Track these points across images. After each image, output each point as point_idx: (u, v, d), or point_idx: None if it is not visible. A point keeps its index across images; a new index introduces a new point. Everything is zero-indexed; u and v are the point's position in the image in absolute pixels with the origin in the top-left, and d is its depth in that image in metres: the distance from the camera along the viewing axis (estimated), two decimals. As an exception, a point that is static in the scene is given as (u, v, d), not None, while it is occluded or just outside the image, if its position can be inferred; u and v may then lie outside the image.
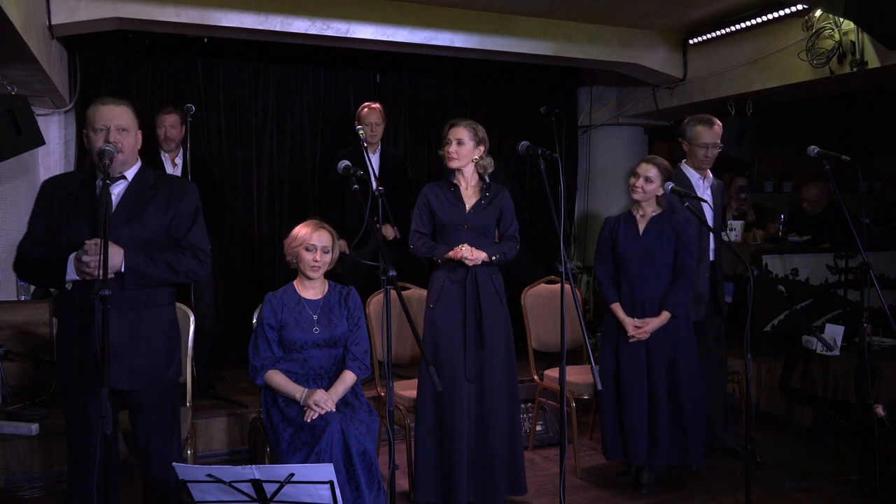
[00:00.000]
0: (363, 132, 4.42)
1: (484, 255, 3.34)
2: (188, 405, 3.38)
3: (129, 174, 2.61)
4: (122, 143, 2.51)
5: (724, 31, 5.13)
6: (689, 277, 3.63)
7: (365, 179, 2.81)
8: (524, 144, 3.00)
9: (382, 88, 5.90)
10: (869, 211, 6.64)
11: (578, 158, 6.71)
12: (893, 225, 6.67)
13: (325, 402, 2.95)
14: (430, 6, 4.79)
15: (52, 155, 5.06)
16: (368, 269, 4.57)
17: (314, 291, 3.19)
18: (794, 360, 4.85)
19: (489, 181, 3.46)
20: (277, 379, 3.07)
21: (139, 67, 5.26)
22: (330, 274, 3.26)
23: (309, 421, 2.92)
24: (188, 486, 2.20)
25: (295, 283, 3.21)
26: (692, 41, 5.44)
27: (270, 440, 3.07)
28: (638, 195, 3.61)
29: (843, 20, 4.35)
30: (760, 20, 4.84)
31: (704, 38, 5.32)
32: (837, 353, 4.61)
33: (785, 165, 7.62)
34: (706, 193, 3.97)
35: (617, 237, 3.67)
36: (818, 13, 4.48)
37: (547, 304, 4.34)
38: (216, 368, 4.89)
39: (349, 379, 3.11)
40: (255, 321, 3.31)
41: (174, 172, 4.37)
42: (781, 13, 4.69)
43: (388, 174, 4.69)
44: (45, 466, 3.79)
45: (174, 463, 2.21)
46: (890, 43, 4.06)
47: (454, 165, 3.40)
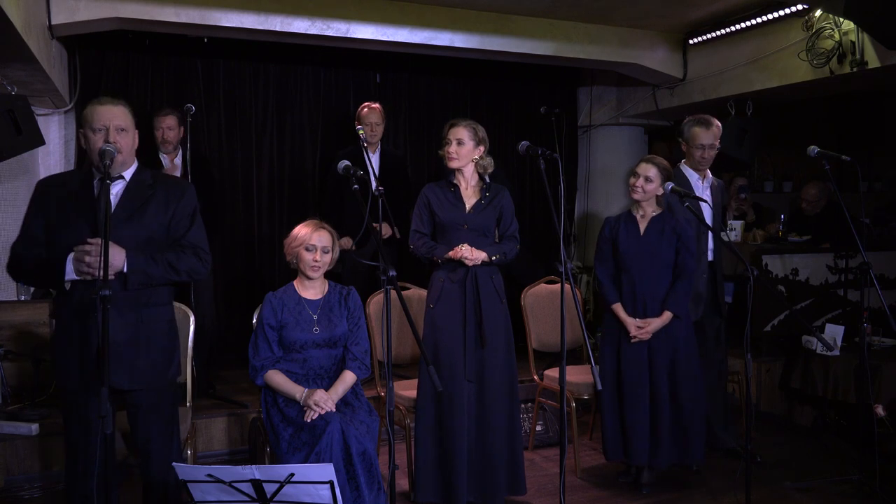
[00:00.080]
0: (363, 132, 4.42)
1: (484, 255, 3.34)
2: (188, 405, 3.37)
3: (126, 174, 2.60)
4: (120, 143, 2.50)
5: (724, 31, 5.13)
6: (689, 277, 3.63)
7: (365, 179, 2.81)
8: (524, 144, 3.00)
9: (382, 88, 5.90)
10: (869, 211, 6.64)
11: (578, 158, 6.71)
12: (893, 225, 6.66)
13: (325, 402, 2.95)
14: (430, 6, 4.79)
15: (52, 155, 5.05)
16: (368, 269, 4.57)
17: (314, 291, 3.19)
18: (794, 360, 4.85)
19: (489, 181, 3.46)
20: (277, 379, 3.07)
21: (139, 67, 5.25)
22: (330, 274, 3.26)
23: (309, 421, 2.92)
24: (188, 486, 2.20)
25: (295, 283, 3.21)
26: (692, 41, 5.44)
27: (270, 440, 3.07)
28: (638, 195, 3.62)
29: (843, 20, 4.35)
30: (760, 20, 4.83)
31: (704, 38, 5.32)
32: (837, 353, 4.61)
33: (785, 165, 7.61)
34: (705, 193, 3.97)
35: (617, 237, 3.67)
36: (818, 13, 4.48)
37: (547, 304, 4.34)
38: (216, 368, 4.89)
39: (349, 379, 3.11)
40: (255, 321, 3.31)
41: (174, 173, 4.37)
42: (781, 13, 4.69)
43: (388, 174, 4.69)
44: (44, 466, 3.79)
45: (174, 463, 2.20)
46: (890, 43, 4.06)
47: (454, 165, 3.40)
